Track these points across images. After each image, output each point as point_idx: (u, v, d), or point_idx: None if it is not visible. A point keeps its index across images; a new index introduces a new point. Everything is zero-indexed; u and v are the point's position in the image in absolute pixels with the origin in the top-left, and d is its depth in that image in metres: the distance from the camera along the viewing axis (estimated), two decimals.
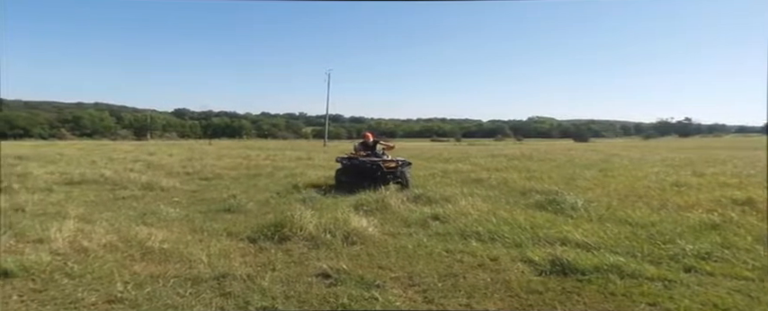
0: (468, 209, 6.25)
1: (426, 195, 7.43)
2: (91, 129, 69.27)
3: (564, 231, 4.97)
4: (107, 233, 4.94)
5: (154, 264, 4.05)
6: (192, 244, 4.65)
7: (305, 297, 3.29)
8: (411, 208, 6.58)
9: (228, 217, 6.35)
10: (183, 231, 5.38)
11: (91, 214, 6.32)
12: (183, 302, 3.19)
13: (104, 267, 3.90)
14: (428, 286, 3.53)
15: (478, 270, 3.92)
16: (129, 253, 4.34)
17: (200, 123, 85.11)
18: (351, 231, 4.91)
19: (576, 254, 4.04)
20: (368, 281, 3.56)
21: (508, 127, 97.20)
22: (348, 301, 3.20)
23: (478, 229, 5.13)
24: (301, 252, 4.45)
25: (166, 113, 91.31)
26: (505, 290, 3.43)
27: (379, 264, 4.07)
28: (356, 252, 4.46)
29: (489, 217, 5.77)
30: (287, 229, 4.95)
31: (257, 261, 4.18)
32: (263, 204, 7.36)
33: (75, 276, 3.67)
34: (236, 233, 5.23)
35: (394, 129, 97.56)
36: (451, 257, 4.29)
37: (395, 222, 5.79)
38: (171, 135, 74.29)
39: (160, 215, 6.31)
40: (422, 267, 3.99)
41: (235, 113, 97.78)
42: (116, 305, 3.13)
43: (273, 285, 3.52)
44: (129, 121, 76.89)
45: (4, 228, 4.93)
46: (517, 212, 6.22)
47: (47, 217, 6.01)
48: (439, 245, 4.65)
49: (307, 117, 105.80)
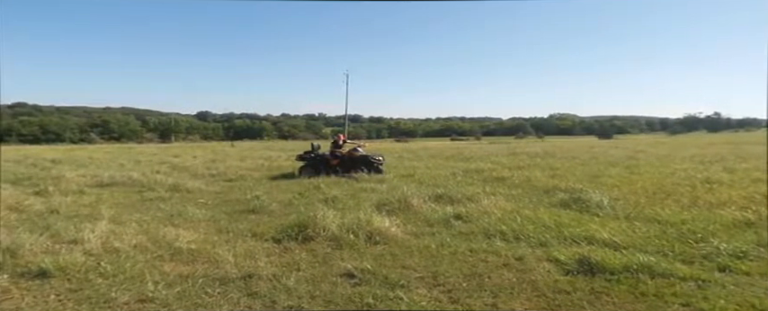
0: (490, 208, 6.20)
1: (448, 194, 7.38)
2: (118, 133, 71.30)
3: (590, 230, 4.88)
4: (137, 234, 5.08)
5: (182, 264, 4.14)
6: (218, 245, 4.73)
7: (330, 297, 3.31)
8: (433, 207, 6.55)
9: (253, 217, 6.44)
10: (210, 232, 5.49)
11: (121, 215, 6.49)
12: (211, 302, 3.26)
13: (135, 267, 4.00)
14: (453, 286, 3.51)
15: (503, 269, 3.88)
16: (158, 254, 4.45)
17: (222, 125, 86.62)
18: (373, 231, 4.92)
19: (603, 254, 3.96)
20: (392, 281, 3.56)
21: (529, 124, 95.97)
22: (373, 301, 3.22)
23: (502, 228, 5.08)
24: (325, 252, 4.49)
25: (190, 116, 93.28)
26: (532, 290, 3.39)
27: (403, 264, 4.06)
28: (379, 252, 4.47)
29: (513, 216, 5.70)
30: (310, 229, 5.00)
31: (282, 261, 4.23)
32: (285, 205, 7.44)
33: (108, 276, 3.78)
34: (261, 233, 5.29)
35: (413, 129, 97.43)
36: (475, 257, 4.25)
37: (417, 222, 5.77)
38: (194, 137, 75.79)
39: (187, 216, 6.45)
40: (446, 267, 3.97)
41: (256, 115, 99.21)
42: (148, 304, 3.22)
43: (299, 285, 3.55)
44: (155, 125, 78.85)
45: (40, 230, 5.11)
46: (541, 211, 6.13)
47: (80, 218, 6.21)
48: (462, 245, 4.62)
49: (326, 118, 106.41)
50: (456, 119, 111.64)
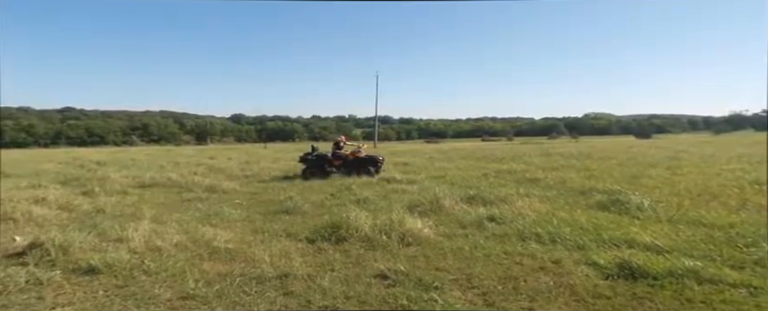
0: (525, 210, 6.10)
1: (480, 196, 7.28)
2: (157, 136, 74.10)
3: (631, 233, 4.72)
4: (177, 233, 5.25)
5: (221, 263, 4.26)
6: (254, 245, 4.85)
7: (365, 298, 3.33)
8: (465, 209, 6.49)
9: (286, 218, 6.55)
10: (245, 231, 5.63)
11: (161, 215, 6.73)
12: (249, 300, 3.33)
13: (176, 265, 4.15)
14: (488, 288, 3.47)
15: (540, 272, 3.80)
16: (197, 252, 4.59)
17: (254, 128, 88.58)
18: (406, 232, 4.92)
19: (645, 258, 3.82)
20: (426, 283, 3.55)
21: (563, 124, 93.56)
22: (407, 302, 3.22)
23: (537, 230, 4.98)
24: (358, 253, 4.51)
25: (224, 119, 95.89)
26: (570, 294, 3.31)
27: (437, 266, 4.04)
28: (412, 253, 4.47)
29: (548, 218, 5.59)
30: (343, 230, 5.05)
31: (316, 261, 4.29)
32: (318, 205, 7.53)
33: (151, 273, 3.93)
34: (295, 233, 5.38)
35: (443, 129, 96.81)
36: (510, 259, 4.19)
37: (450, 223, 5.73)
38: (228, 139, 77.90)
39: (223, 216, 6.63)
40: (480, 269, 3.93)
41: (287, 117, 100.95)
42: (189, 301, 3.33)
43: (333, 285, 3.59)
44: (191, 127, 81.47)
45: (89, 228, 5.37)
46: (578, 213, 5.98)
47: (124, 217, 6.48)
48: (496, 247, 4.55)
49: (356, 119, 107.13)
50: (487, 120, 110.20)
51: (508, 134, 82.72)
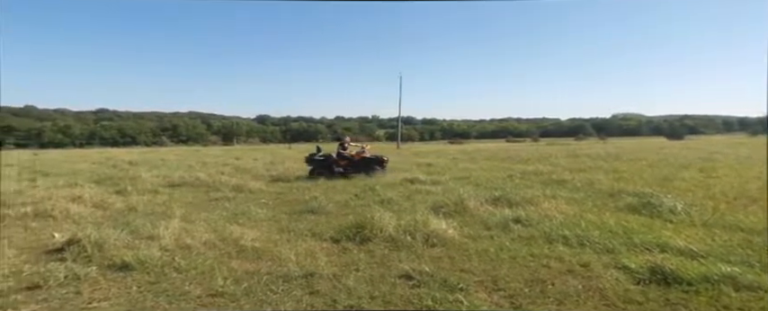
0: (551, 212, 6.00)
1: (506, 197, 7.19)
2: (186, 136, 76.01)
3: (663, 236, 4.59)
4: (206, 231, 5.38)
5: (248, 262, 4.33)
6: (280, 244, 4.92)
7: (389, 298, 3.34)
8: (490, 210, 6.42)
9: (311, 217, 6.61)
10: (272, 231, 5.71)
11: (191, 214, 6.90)
12: (276, 298, 3.39)
13: (206, 263, 4.25)
14: (514, 291, 3.43)
15: (568, 276, 3.73)
16: (225, 251, 4.69)
17: (279, 128, 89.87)
18: (430, 233, 4.90)
19: (679, 262, 3.71)
20: (451, 284, 3.53)
21: (590, 125, 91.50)
22: (432, 303, 3.21)
23: (565, 233, 4.89)
24: (383, 253, 4.52)
25: (249, 120, 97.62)
26: (600, 299, 3.24)
27: (462, 267, 4.02)
28: (437, 254, 4.45)
29: (576, 221, 5.48)
30: (367, 230, 5.08)
31: (341, 261, 4.32)
32: (342, 205, 7.58)
33: (181, 270, 4.04)
34: (320, 233, 5.43)
35: (467, 130, 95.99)
36: (537, 262, 4.12)
37: (474, 225, 5.68)
38: (254, 140, 79.22)
39: (250, 215, 6.74)
40: (506, 271, 3.88)
41: (311, 118, 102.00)
42: (218, 298, 3.40)
43: (358, 285, 3.61)
44: (218, 128, 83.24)
45: (122, 226, 5.55)
46: (607, 215, 5.84)
47: (155, 216, 6.67)
48: (523, 249, 4.49)
49: (379, 120, 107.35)
50: (512, 121, 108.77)
51: (533, 135, 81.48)
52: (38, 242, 5.25)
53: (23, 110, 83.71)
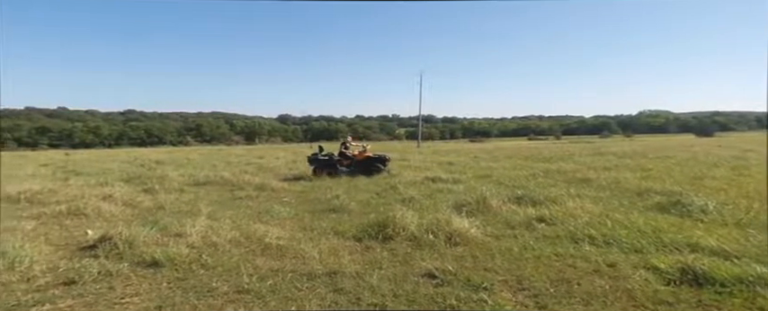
0: (576, 211, 5.90)
1: (529, 196, 7.11)
2: (209, 136, 77.53)
3: (694, 236, 4.46)
4: (231, 229, 5.47)
5: (272, 259, 4.40)
6: (303, 242, 4.96)
7: (413, 297, 3.34)
8: (514, 209, 6.35)
9: (333, 216, 6.66)
10: (295, 229, 5.78)
11: (216, 212, 7.03)
12: (300, 296, 3.42)
13: (231, 260, 4.33)
14: (539, 291, 3.38)
15: (594, 276, 3.66)
16: (250, 248, 4.77)
17: (300, 128, 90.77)
18: (453, 232, 4.88)
19: (711, 263, 3.59)
20: (475, 283, 3.51)
21: (615, 122, 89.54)
22: (456, 302, 3.19)
23: (591, 232, 4.80)
24: (405, 251, 4.53)
25: (271, 119, 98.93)
26: (628, 299, 3.16)
27: (485, 266, 3.99)
28: (460, 253, 4.43)
29: (602, 220, 5.37)
30: (390, 229, 5.09)
31: (364, 259, 4.34)
32: (364, 204, 7.61)
33: (208, 267, 4.13)
34: (343, 232, 5.46)
35: (488, 128, 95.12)
36: (562, 261, 4.06)
37: (497, 224, 5.63)
38: (275, 139, 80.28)
39: (273, 213, 6.83)
40: (530, 271, 3.83)
41: (331, 117, 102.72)
42: (244, 295, 3.46)
43: (382, 283, 3.62)
44: (241, 128, 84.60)
45: (150, 224, 5.70)
46: (634, 215, 5.71)
47: (181, 214, 6.83)
48: (547, 249, 4.43)
49: (400, 118, 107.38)
50: (534, 118, 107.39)
51: (556, 133, 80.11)
52: (72, 239, 5.43)
53: (56, 111, 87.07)
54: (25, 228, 5.96)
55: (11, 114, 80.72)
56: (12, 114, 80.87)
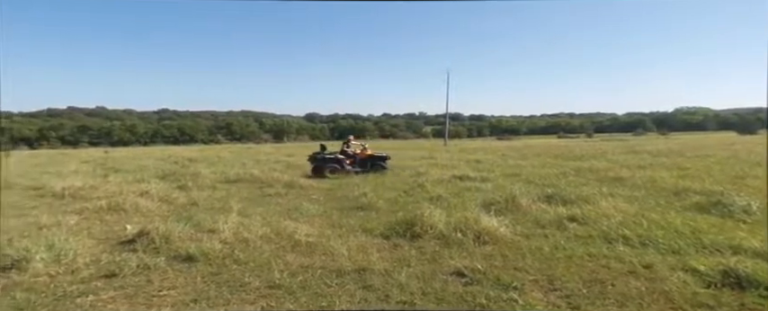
0: (609, 211, 5.75)
1: (559, 195, 6.97)
2: (239, 134, 79.20)
3: (736, 238, 4.30)
4: (261, 226, 5.57)
5: (302, 256, 4.47)
6: (332, 239, 5.02)
7: (442, 295, 3.33)
8: (544, 208, 6.25)
9: (361, 214, 6.71)
10: (323, 226, 5.85)
11: (247, 209, 7.18)
12: (330, 292, 3.46)
13: (262, 256, 4.42)
14: (571, 291, 3.32)
15: (629, 277, 3.57)
16: (280, 245, 4.86)
17: (328, 126, 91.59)
18: (481, 231, 4.84)
19: (755, 266, 3.44)
20: (505, 283, 3.48)
21: (650, 120, 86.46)
22: (486, 301, 3.17)
23: (625, 233, 4.68)
24: (433, 250, 4.52)
25: (299, 118, 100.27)
26: (665, 301, 3.07)
27: (515, 266, 3.94)
28: (489, 252, 4.39)
29: (637, 220, 5.23)
30: (418, 227, 5.08)
31: (393, 256, 4.36)
32: (392, 202, 7.63)
33: (241, 263, 4.23)
34: (371, 229, 5.49)
35: (516, 126, 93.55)
36: (595, 262, 3.97)
37: (527, 223, 5.55)
38: (303, 137, 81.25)
39: (302, 211, 6.93)
40: (562, 271, 3.77)
41: (358, 115, 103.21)
42: (276, 290, 3.53)
43: (410, 281, 3.63)
44: (270, 126, 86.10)
45: (185, 220, 5.88)
46: (672, 215, 5.53)
47: (214, 210, 7.01)
48: (579, 249, 4.34)
49: (426, 116, 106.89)
50: (564, 116, 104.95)
51: (588, 130, 78.03)
52: (112, 233, 5.66)
53: (95, 110, 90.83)
54: (69, 223, 6.25)
55: (54, 113, 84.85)
56: (55, 113, 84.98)
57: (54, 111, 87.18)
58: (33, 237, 4.99)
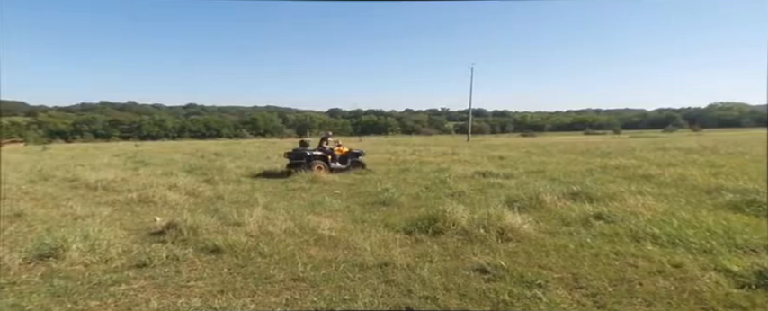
0: (638, 209, 5.61)
1: (585, 192, 6.83)
2: (264, 129, 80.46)
3: None
4: (285, 220, 5.63)
5: (325, 249, 4.52)
6: (354, 233, 5.07)
7: (464, 291, 3.32)
8: (569, 205, 6.14)
9: (383, 209, 6.73)
10: (346, 221, 5.90)
11: (271, 203, 7.30)
12: (353, 286, 3.50)
13: (287, 249, 4.49)
14: (597, 289, 3.26)
15: (658, 276, 3.48)
16: (304, 239, 4.92)
17: (350, 121, 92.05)
18: (505, 227, 4.79)
19: None
20: (528, 280, 3.44)
21: (681, 116, 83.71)
22: (509, 298, 3.14)
23: (653, 231, 4.56)
24: (456, 246, 4.51)
25: (322, 113, 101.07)
26: (696, 302, 2.98)
27: (539, 263, 3.89)
28: (512, 248, 4.35)
29: (667, 218, 5.09)
30: (440, 223, 5.07)
31: (415, 252, 4.36)
32: (414, 198, 7.63)
33: (265, 255, 4.31)
34: (393, 224, 5.51)
35: (541, 122, 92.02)
36: (622, 260, 3.89)
37: (551, 220, 5.47)
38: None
39: (325, 205, 7.00)
40: (587, 269, 3.70)
41: (381, 111, 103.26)
42: (300, 283, 3.58)
43: (433, 276, 3.63)
44: (293, 121, 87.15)
45: (211, 212, 6.03)
46: (703, 214, 5.36)
47: (239, 204, 7.15)
48: (606, 247, 4.26)
49: (449, 112, 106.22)
50: (590, 112, 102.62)
51: (615, 127, 76.02)
52: (142, 224, 5.85)
53: (127, 105, 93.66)
54: (102, 214, 6.49)
55: (87, 108, 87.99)
56: (88, 108, 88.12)
57: (87, 106, 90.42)
58: (69, 227, 5.19)
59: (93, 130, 70.98)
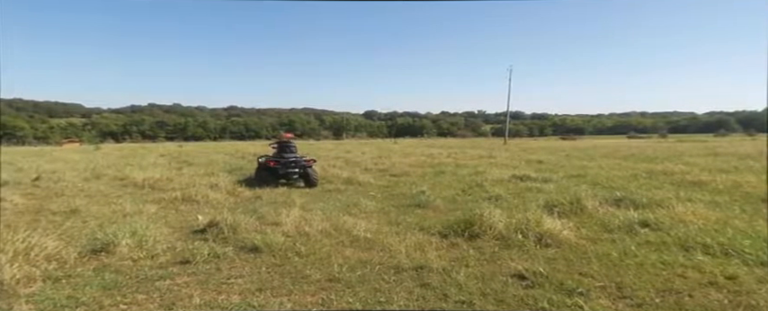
0: (687, 216, 5.34)
1: (629, 198, 6.57)
2: (300, 131, 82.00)
3: None
4: (322, 220, 5.72)
5: (360, 251, 4.54)
6: (389, 236, 5.06)
7: (501, 297, 3.25)
8: (612, 211, 5.92)
9: (419, 211, 6.70)
10: (381, 222, 5.91)
11: (308, 203, 7.42)
12: (388, 288, 3.49)
13: (323, 250, 4.55)
14: (643, 300, 3.12)
15: (709, 288, 3.29)
16: (339, 239, 4.97)
17: (386, 123, 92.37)
18: (543, 233, 4.67)
19: None
20: (568, 288, 3.34)
21: (733, 119, 78.94)
22: (548, 306, 3.06)
23: (705, 240, 4.33)
24: (493, 250, 4.42)
25: (358, 115, 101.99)
26: None
27: (580, 271, 3.77)
28: (551, 255, 4.23)
29: (720, 228, 4.82)
30: (476, 227, 4.99)
31: (450, 255, 4.31)
32: (449, 201, 7.56)
33: (302, 255, 4.37)
34: (428, 227, 5.47)
35: (582, 125, 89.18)
36: (670, 270, 3.70)
37: (593, 226, 5.28)
38: (361, 134, 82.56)
39: (360, 207, 7.04)
40: (632, 278, 3.55)
41: (416, 113, 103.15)
42: (335, 283, 3.62)
43: (469, 281, 3.58)
44: (329, 123, 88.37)
45: (250, 212, 6.18)
46: (760, 223, 5.03)
47: (277, 204, 7.30)
48: (652, 255, 4.07)
49: (486, 115, 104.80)
50: (635, 115, 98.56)
51: (661, 131, 72.57)
52: (186, 222, 6.07)
53: (172, 107, 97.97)
54: (149, 211, 6.79)
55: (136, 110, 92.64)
56: (137, 110, 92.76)
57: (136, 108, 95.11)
58: (119, 224, 5.47)
59: (142, 131, 74.54)
